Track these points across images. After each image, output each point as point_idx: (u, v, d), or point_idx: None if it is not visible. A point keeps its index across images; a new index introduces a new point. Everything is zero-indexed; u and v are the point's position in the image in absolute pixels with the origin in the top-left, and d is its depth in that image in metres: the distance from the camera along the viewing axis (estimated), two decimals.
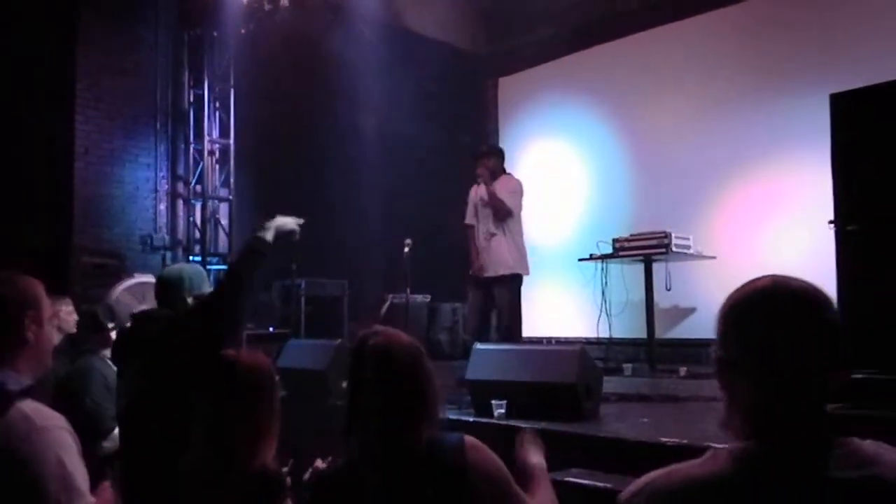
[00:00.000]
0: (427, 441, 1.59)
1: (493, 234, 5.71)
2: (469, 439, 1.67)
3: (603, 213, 8.22)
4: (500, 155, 5.97)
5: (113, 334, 3.37)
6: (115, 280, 6.30)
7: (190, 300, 2.73)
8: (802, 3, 7.07)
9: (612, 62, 8.35)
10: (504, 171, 5.92)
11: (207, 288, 2.82)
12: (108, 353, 3.38)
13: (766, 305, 1.15)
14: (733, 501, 1.08)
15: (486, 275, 5.70)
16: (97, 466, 2.94)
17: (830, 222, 4.35)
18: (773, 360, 1.12)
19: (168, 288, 2.75)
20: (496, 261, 5.69)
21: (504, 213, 5.69)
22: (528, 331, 8.03)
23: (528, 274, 5.81)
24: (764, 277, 1.21)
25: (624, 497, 1.17)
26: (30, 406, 1.57)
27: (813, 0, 7.02)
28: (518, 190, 5.84)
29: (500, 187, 5.75)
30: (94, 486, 1.69)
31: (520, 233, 5.81)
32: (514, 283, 5.72)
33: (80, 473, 1.55)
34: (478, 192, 5.89)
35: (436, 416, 1.64)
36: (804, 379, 1.12)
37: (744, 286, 1.21)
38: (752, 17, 7.28)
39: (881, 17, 6.42)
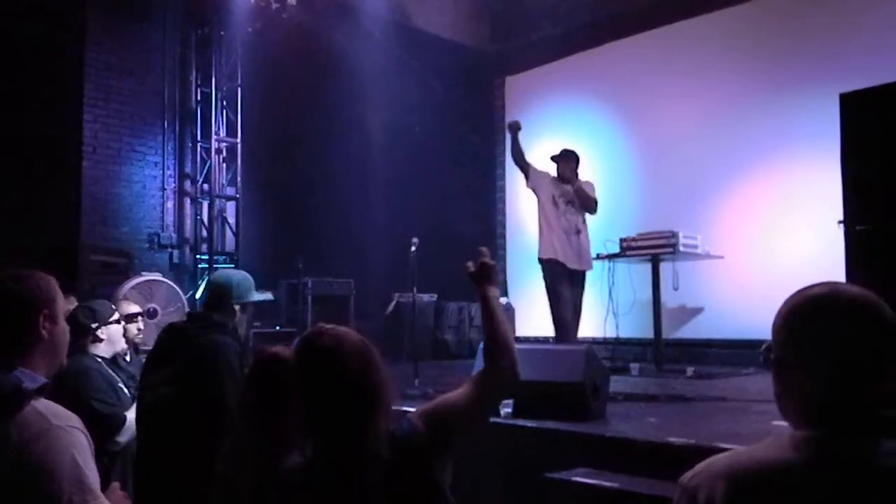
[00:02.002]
0: (386, 433, 1.60)
1: (579, 231, 6.01)
2: (414, 415, 1.69)
3: (610, 213, 8.14)
4: (577, 159, 6.22)
5: (100, 332, 3.36)
6: (123, 278, 6.33)
7: (237, 307, 2.85)
8: (812, 1, 7.03)
9: (619, 61, 8.32)
10: (577, 174, 6.16)
11: (254, 296, 2.92)
12: (97, 350, 3.36)
13: (827, 310, 1.21)
14: (800, 485, 1.11)
15: (576, 268, 5.96)
16: (107, 463, 2.97)
17: (840, 222, 4.33)
18: (833, 362, 1.17)
19: (217, 294, 2.87)
20: (585, 256, 6.04)
21: (595, 207, 6.05)
22: (535, 330, 8.03)
23: None
24: (821, 284, 1.26)
25: (685, 478, 1.19)
26: (45, 405, 1.58)
27: None
28: (594, 187, 6.18)
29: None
30: (104, 484, 1.69)
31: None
32: (584, 281, 6.06)
33: (93, 473, 1.56)
34: (554, 184, 6.08)
35: (389, 409, 1.64)
36: (861, 379, 1.16)
37: (800, 292, 1.26)
38: (760, 16, 7.24)
39: (891, 16, 6.38)
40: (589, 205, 6.02)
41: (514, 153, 6.24)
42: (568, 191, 6.01)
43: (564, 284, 5.92)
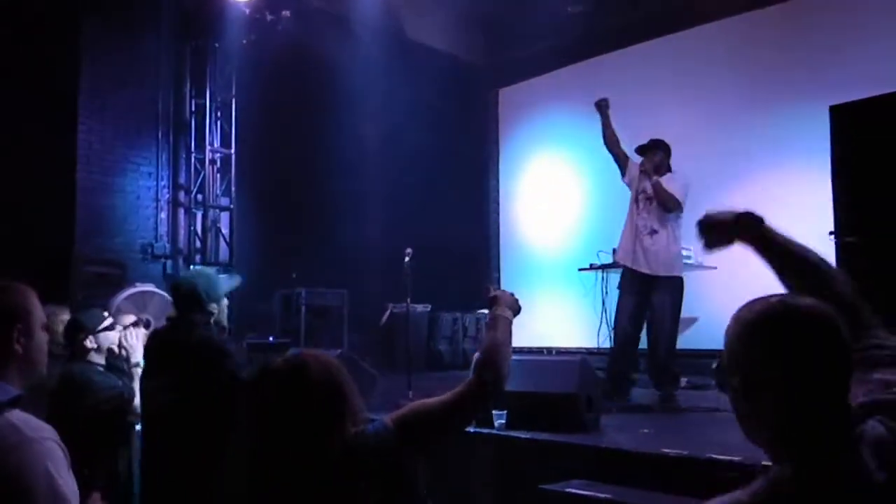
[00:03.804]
0: (354, 432, 1.68)
1: (655, 231, 5.36)
2: (387, 416, 1.78)
3: (603, 223, 8.21)
4: (666, 150, 5.61)
5: (87, 342, 3.36)
6: (117, 289, 6.31)
7: (213, 305, 2.84)
8: (802, 14, 7.09)
9: (612, 73, 8.36)
10: (669, 168, 5.59)
11: (223, 287, 2.92)
12: (91, 358, 3.37)
13: (788, 325, 1.18)
14: None
15: (644, 271, 5.33)
16: (88, 475, 2.95)
17: (831, 233, 4.37)
18: (801, 378, 1.15)
19: (188, 300, 2.85)
20: (657, 260, 5.34)
21: (674, 206, 5.35)
22: (528, 341, 8.02)
23: (681, 275, 5.53)
24: (770, 297, 1.23)
25: None
26: (19, 416, 1.55)
27: (813, 12, 7.05)
28: (687, 184, 5.50)
29: (665, 182, 5.44)
30: (86, 494, 1.68)
31: (679, 231, 5.48)
32: (676, 288, 5.38)
33: (68, 486, 1.53)
34: (640, 180, 5.53)
35: (355, 413, 1.71)
36: (829, 393, 1.16)
37: (751, 306, 1.23)
38: (751, 29, 7.30)
39: (881, 29, 6.44)
40: (667, 202, 5.32)
41: (607, 138, 5.71)
42: (648, 188, 5.45)
43: (631, 292, 5.36)
